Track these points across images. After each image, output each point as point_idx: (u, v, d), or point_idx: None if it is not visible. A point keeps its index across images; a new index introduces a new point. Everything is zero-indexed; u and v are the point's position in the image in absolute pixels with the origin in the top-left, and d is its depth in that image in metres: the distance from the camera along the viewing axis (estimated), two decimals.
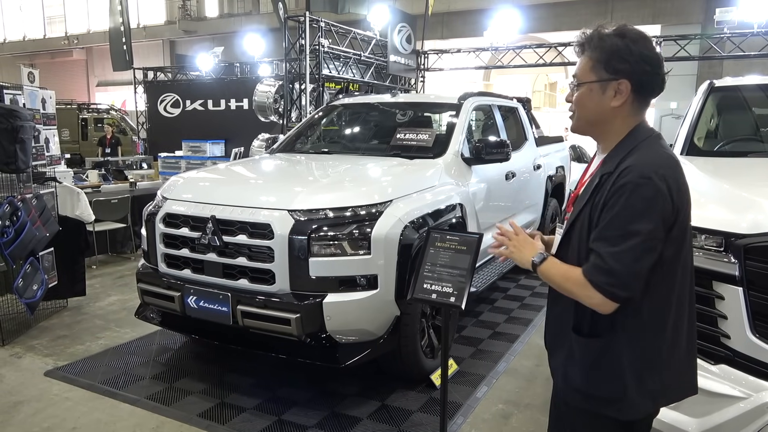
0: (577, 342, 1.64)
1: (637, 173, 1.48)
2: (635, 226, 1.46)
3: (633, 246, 1.46)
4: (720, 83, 4.03)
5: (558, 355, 1.73)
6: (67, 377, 3.78)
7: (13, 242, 4.21)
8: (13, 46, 32.22)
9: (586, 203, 1.59)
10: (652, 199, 1.46)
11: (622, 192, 1.48)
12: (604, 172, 1.57)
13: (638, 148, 1.56)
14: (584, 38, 1.63)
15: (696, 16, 16.54)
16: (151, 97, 13.86)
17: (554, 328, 1.76)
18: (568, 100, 1.69)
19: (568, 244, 1.65)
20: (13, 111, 4.28)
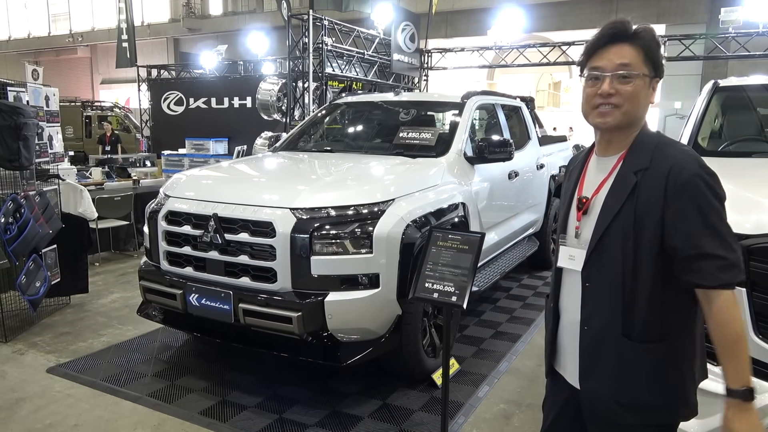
0: (632, 348, 1.52)
1: (698, 164, 1.48)
2: (721, 213, 1.47)
3: (729, 231, 1.46)
4: (724, 83, 4.01)
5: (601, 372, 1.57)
6: (70, 374, 3.79)
7: (16, 239, 4.22)
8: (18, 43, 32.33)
9: (625, 203, 1.51)
10: (717, 185, 1.49)
11: (693, 186, 1.45)
12: (638, 168, 1.51)
13: (663, 142, 1.55)
14: (625, 27, 1.56)
15: (701, 16, 16.49)
16: (154, 95, 13.88)
17: (595, 345, 1.58)
18: (611, 92, 1.53)
19: (603, 251, 1.55)
20: (16, 108, 4.29)
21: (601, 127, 1.58)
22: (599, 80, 1.54)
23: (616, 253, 1.52)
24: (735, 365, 1.45)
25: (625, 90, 1.52)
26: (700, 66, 15.67)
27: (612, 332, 1.55)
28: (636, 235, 1.49)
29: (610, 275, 1.54)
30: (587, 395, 1.62)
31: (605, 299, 1.55)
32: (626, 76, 1.51)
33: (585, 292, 1.60)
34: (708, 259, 1.43)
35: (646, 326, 1.52)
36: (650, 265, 1.50)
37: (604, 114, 1.55)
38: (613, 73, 1.52)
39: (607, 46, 1.55)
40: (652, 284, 1.51)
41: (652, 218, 1.47)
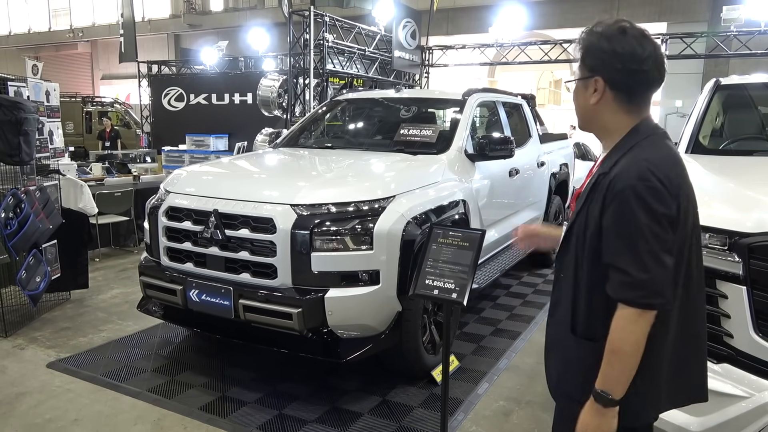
0: (575, 343, 1.59)
1: (634, 174, 1.44)
2: (645, 230, 1.41)
3: (649, 249, 1.41)
4: (726, 81, 4.01)
5: (553, 361, 1.71)
6: (70, 369, 3.80)
7: (17, 234, 4.22)
8: (18, 38, 32.26)
9: (584, 203, 1.57)
10: (654, 200, 1.42)
11: (622, 197, 1.44)
12: (601, 172, 1.54)
13: (637, 146, 1.52)
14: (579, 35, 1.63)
15: (702, 14, 16.44)
16: (155, 91, 13.87)
17: (553, 333, 1.72)
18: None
19: (569, 242, 1.62)
20: (17, 103, 4.29)
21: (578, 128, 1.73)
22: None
23: (572, 250, 1.59)
24: (606, 370, 1.48)
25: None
26: (701, 64, 15.64)
27: (564, 326, 1.63)
28: (584, 235, 1.55)
29: (569, 269, 1.61)
30: (546, 377, 1.75)
31: (566, 291, 1.62)
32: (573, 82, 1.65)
33: (556, 281, 1.71)
34: (616, 272, 1.45)
35: (588, 324, 1.56)
36: (591, 266, 1.53)
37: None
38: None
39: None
40: (593, 284, 1.53)
41: (594, 221, 1.51)
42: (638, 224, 1.41)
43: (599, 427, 1.50)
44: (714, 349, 2.29)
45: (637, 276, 1.41)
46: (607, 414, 1.48)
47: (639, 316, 1.43)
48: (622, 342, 1.45)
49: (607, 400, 1.47)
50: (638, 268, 1.41)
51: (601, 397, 1.48)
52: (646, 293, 1.42)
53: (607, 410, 1.48)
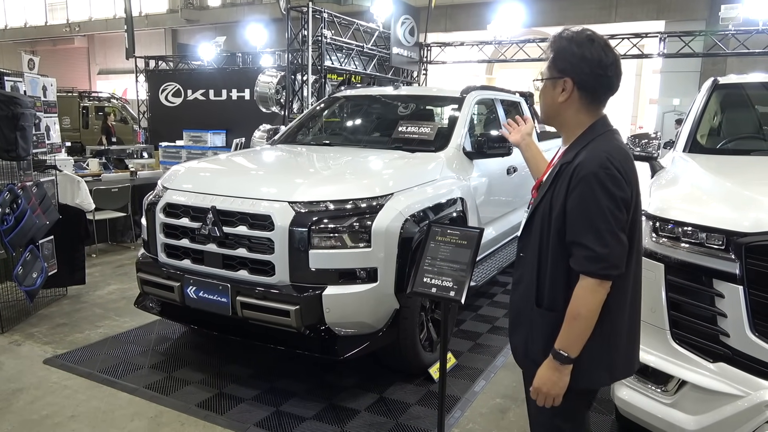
0: (539, 315, 1.78)
1: (596, 163, 1.65)
2: (606, 211, 1.63)
3: (609, 228, 1.63)
4: (724, 80, 4.01)
5: (520, 332, 1.86)
6: (66, 365, 3.79)
7: (13, 230, 4.21)
8: (15, 32, 32.11)
9: (547, 190, 1.76)
10: (613, 185, 1.63)
11: (586, 182, 1.64)
12: (564, 161, 1.75)
13: (595, 140, 1.74)
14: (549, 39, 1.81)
15: (701, 13, 16.45)
16: (152, 86, 13.81)
17: (518, 307, 1.88)
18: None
19: (531, 227, 1.82)
20: (13, 98, 4.27)
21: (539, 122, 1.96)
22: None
23: (536, 231, 1.78)
24: (566, 333, 1.69)
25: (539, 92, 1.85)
26: (699, 63, 15.65)
27: (529, 298, 1.81)
28: (548, 218, 1.74)
29: (532, 249, 1.81)
30: (512, 348, 1.93)
31: (528, 269, 1.81)
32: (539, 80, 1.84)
33: (518, 260, 1.91)
34: (579, 248, 1.66)
35: (552, 297, 1.75)
36: (555, 245, 1.73)
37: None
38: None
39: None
40: (556, 261, 1.73)
41: (558, 205, 1.71)
42: (600, 206, 1.63)
43: (555, 381, 1.71)
44: (710, 348, 2.29)
45: (599, 251, 1.62)
46: (562, 371, 1.71)
47: (598, 286, 1.65)
48: (581, 308, 1.66)
49: (564, 358, 1.69)
50: (599, 244, 1.62)
51: (560, 356, 1.69)
52: (605, 265, 1.63)
53: (563, 367, 1.70)
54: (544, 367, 1.74)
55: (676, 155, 3.46)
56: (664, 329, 2.41)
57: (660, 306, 2.41)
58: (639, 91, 21.43)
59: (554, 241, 1.73)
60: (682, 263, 2.36)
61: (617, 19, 17.67)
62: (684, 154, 3.46)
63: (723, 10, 11.31)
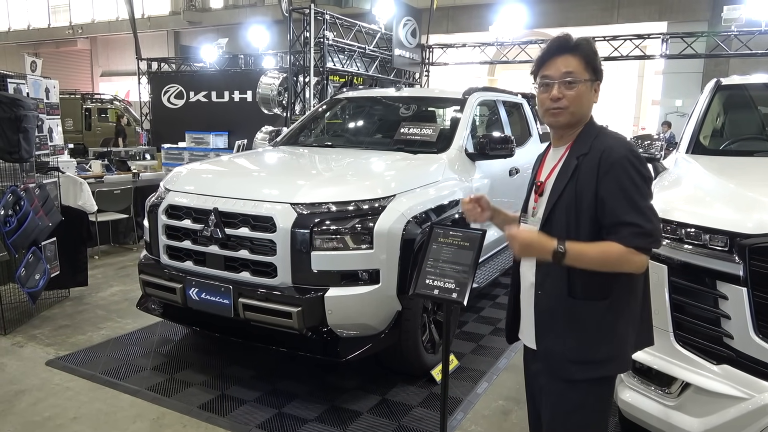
0: (578, 306, 1.77)
1: (624, 147, 1.74)
2: (645, 189, 1.71)
3: (648, 205, 1.70)
4: (727, 81, 4.00)
5: (554, 332, 1.82)
6: (69, 367, 3.79)
7: (16, 231, 4.22)
8: (18, 34, 32.20)
9: (568, 183, 1.78)
10: (642, 166, 1.72)
11: (619, 165, 1.70)
12: (580, 154, 1.79)
13: (602, 133, 1.81)
14: (567, 41, 1.80)
15: (703, 14, 16.42)
16: (155, 88, 13.84)
17: (547, 307, 1.84)
18: (560, 96, 1.78)
19: (552, 224, 1.80)
20: (16, 100, 4.27)
21: (554, 125, 1.87)
22: (549, 87, 1.81)
23: (561, 225, 1.78)
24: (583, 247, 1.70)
25: (570, 94, 1.78)
26: (701, 64, 15.62)
27: (560, 294, 1.79)
28: (576, 208, 1.76)
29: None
30: (543, 353, 1.87)
31: (554, 265, 1.75)
32: (571, 82, 1.78)
33: (539, 260, 1.84)
34: (626, 227, 1.68)
35: (588, 286, 1.76)
36: (587, 232, 1.74)
37: (555, 114, 1.82)
38: (560, 80, 1.79)
39: (554, 58, 1.81)
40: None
41: (588, 193, 1.73)
42: (637, 185, 1.69)
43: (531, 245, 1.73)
44: (714, 350, 2.28)
45: (646, 226, 1.67)
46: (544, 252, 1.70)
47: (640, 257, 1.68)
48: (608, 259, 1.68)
49: (557, 252, 1.68)
50: (644, 220, 1.68)
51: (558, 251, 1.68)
52: (654, 239, 1.69)
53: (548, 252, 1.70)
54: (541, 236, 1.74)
55: (679, 156, 3.45)
56: (668, 331, 2.40)
57: (663, 308, 2.40)
58: (641, 93, 21.40)
59: (588, 230, 1.75)
60: (685, 265, 2.35)
61: (619, 20, 17.66)
62: (687, 155, 3.45)
63: (725, 10, 11.31)
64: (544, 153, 2.00)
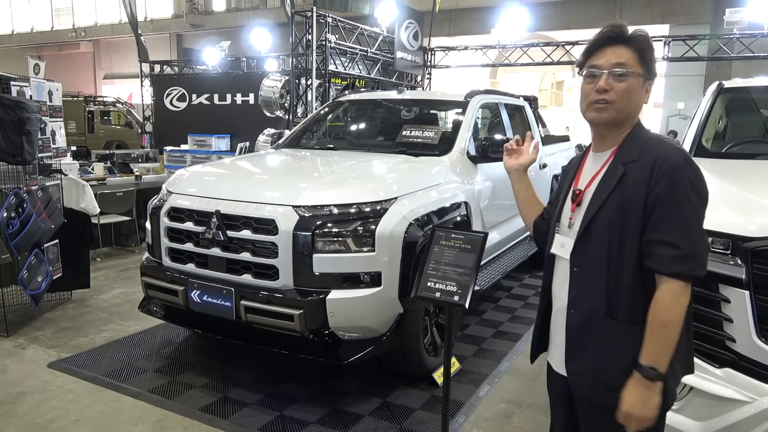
0: (617, 329, 1.58)
1: (680, 156, 1.54)
2: (697, 206, 1.52)
3: (698, 225, 1.52)
4: (729, 84, 3.99)
5: (586, 355, 1.64)
6: (71, 369, 3.80)
7: (19, 233, 4.22)
8: (21, 37, 32.32)
9: (612, 192, 1.60)
10: (698, 180, 1.53)
11: (673, 175, 1.51)
12: (627, 160, 1.60)
13: (651, 139, 1.62)
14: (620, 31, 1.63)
15: (705, 16, 16.42)
16: (157, 91, 13.88)
17: (580, 327, 1.66)
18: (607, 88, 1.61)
19: (590, 237, 1.63)
20: (19, 103, 4.29)
21: (597, 121, 1.67)
22: (596, 78, 1.63)
23: (602, 239, 1.60)
24: (653, 345, 1.52)
25: (619, 87, 1.61)
26: (703, 67, 15.61)
27: (596, 314, 1.62)
28: (621, 221, 1.57)
29: (596, 259, 1.62)
30: (573, 377, 1.69)
31: (591, 283, 1.63)
32: (621, 74, 1.61)
33: (572, 277, 1.68)
34: (665, 246, 1.50)
35: (630, 308, 1.58)
36: (634, 249, 1.56)
37: (600, 109, 1.63)
38: (610, 70, 1.61)
39: (605, 47, 1.64)
40: (636, 267, 1.57)
41: (636, 204, 1.55)
42: (690, 200, 1.51)
43: (645, 401, 1.52)
44: (716, 353, 2.28)
45: (687, 249, 1.49)
46: (653, 389, 1.52)
47: (685, 288, 1.51)
48: (670, 314, 1.50)
49: (654, 374, 1.51)
50: (688, 241, 1.49)
51: (649, 372, 1.51)
52: (694, 265, 1.50)
53: (654, 385, 1.52)
54: (632, 388, 1.53)
55: None
56: None
57: None
58: None
59: (632, 250, 1.56)
60: None
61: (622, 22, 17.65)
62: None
63: (728, 13, 11.29)
64: (581, 158, 1.81)
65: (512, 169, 2.05)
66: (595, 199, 1.64)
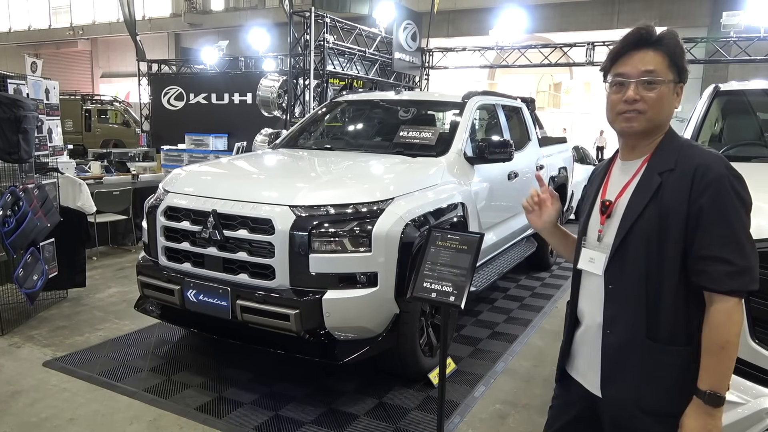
0: (661, 352, 1.48)
1: (722, 165, 1.44)
2: (744, 218, 1.44)
3: (748, 238, 1.43)
4: (725, 87, 4.01)
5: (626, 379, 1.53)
6: (66, 368, 3.79)
7: (15, 232, 4.21)
8: (18, 35, 32.27)
9: (648, 204, 1.49)
10: (743, 189, 1.45)
11: (719, 187, 1.42)
12: (663, 170, 1.50)
13: (687, 146, 1.53)
14: (654, 33, 1.53)
15: (702, 19, 16.50)
16: (155, 90, 13.87)
17: (619, 349, 1.54)
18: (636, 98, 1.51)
19: (626, 252, 1.52)
20: (16, 101, 4.28)
21: (627, 132, 1.57)
22: (624, 86, 1.53)
23: (639, 254, 1.50)
24: (712, 368, 1.44)
25: (649, 96, 1.51)
26: (700, 69, 15.67)
27: (636, 336, 1.51)
28: (660, 236, 1.47)
29: (633, 277, 1.51)
30: (609, 402, 1.58)
31: (629, 302, 1.52)
32: (651, 82, 1.51)
33: (608, 295, 1.57)
34: (718, 263, 1.41)
35: (672, 328, 1.48)
36: (675, 265, 1.47)
37: (630, 119, 1.54)
38: (638, 80, 1.51)
39: (632, 52, 1.54)
40: (678, 285, 1.47)
41: (676, 217, 1.45)
42: (738, 212, 1.42)
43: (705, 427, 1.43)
44: None
45: (741, 264, 1.41)
46: (715, 415, 1.43)
47: (739, 305, 1.43)
48: (729, 334, 1.42)
49: (718, 400, 1.42)
50: (740, 256, 1.41)
51: (712, 398, 1.42)
52: (748, 280, 1.42)
53: (716, 411, 1.43)
54: (693, 416, 1.44)
55: None
56: None
57: None
58: None
59: (674, 264, 1.46)
60: None
61: (619, 25, 17.73)
62: None
63: (724, 16, 11.34)
64: (607, 166, 1.70)
65: (541, 228, 1.90)
66: (629, 211, 1.53)
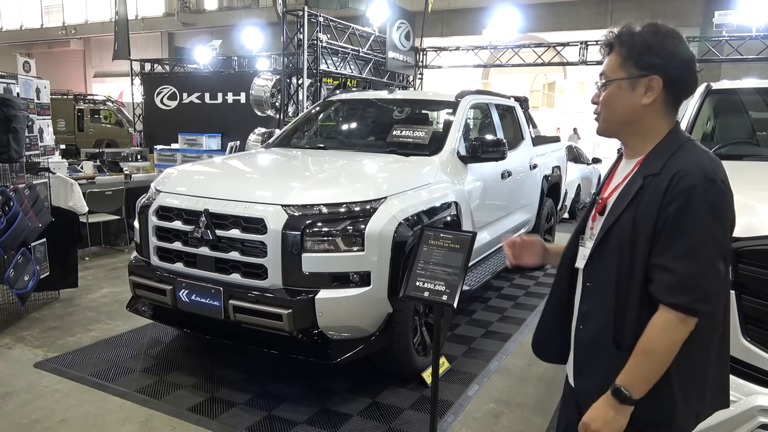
0: (622, 359, 1.46)
1: (700, 173, 1.38)
2: (707, 231, 1.36)
3: (707, 253, 1.36)
4: (717, 86, 4.02)
5: (593, 374, 1.55)
6: (57, 369, 3.76)
7: (5, 232, 4.18)
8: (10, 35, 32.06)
9: (627, 207, 1.48)
10: (720, 203, 1.39)
11: (687, 194, 1.37)
12: (648, 173, 1.46)
13: (683, 149, 1.47)
14: (612, 36, 1.58)
15: (695, 19, 16.56)
16: (148, 89, 13.80)
17: (589, 346, 1.58)
18: (594, 101, 1.60)
19: (603, 253, 1.52)
20: (6, 100, 4.25)
21: (599, 134, 1.64)
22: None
23: (613, 257, 1.49)
24: (631, 368, 1.43)
25: (601, 98, 1.58)
26: None
27: (605, 337, 1.52)
28: (633, 241, 1.45)
29: (606, 278, 1.51)
30: (579, 392, 1.62)
31: (602, 302, 1.53)
32: (603, 84, 1.58)
33: (584, 292, 1.60)
34: (665, 273, 1.39)
35: (636, 337, 1.45)
36: (641, 271, 1.44)
37: (597, 122, 1.62)
38: (597, 84, 1.61)
39: (605, 58, 1.61)
40: (642, 294, 1.45)
41: (647, 223, 1.43)
42: (700, 224, 1.37)
43: (608, 421, 1.44)
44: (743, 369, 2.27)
45: (687, 279, 1.36)
46: (619, 411, 1.44)
47: (681, 322, 1.38)
48: (655, 343, 1.40)
49: (625, 397, 1.42)
50: (690, 271, 1.36)
51: (620, 393, 1.43)
52: (694, 298, 1.36)
53: (622, 408, 1.43)
54: (600, 402, 1.47)
55: None
56: None
57: None
58: None
59: (642, 266, 1.44)
60: None
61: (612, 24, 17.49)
62: None
63: (717, 16, 11.40)
64: (614, 164, 1.69)
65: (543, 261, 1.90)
66: (610, 213, 1.53)
